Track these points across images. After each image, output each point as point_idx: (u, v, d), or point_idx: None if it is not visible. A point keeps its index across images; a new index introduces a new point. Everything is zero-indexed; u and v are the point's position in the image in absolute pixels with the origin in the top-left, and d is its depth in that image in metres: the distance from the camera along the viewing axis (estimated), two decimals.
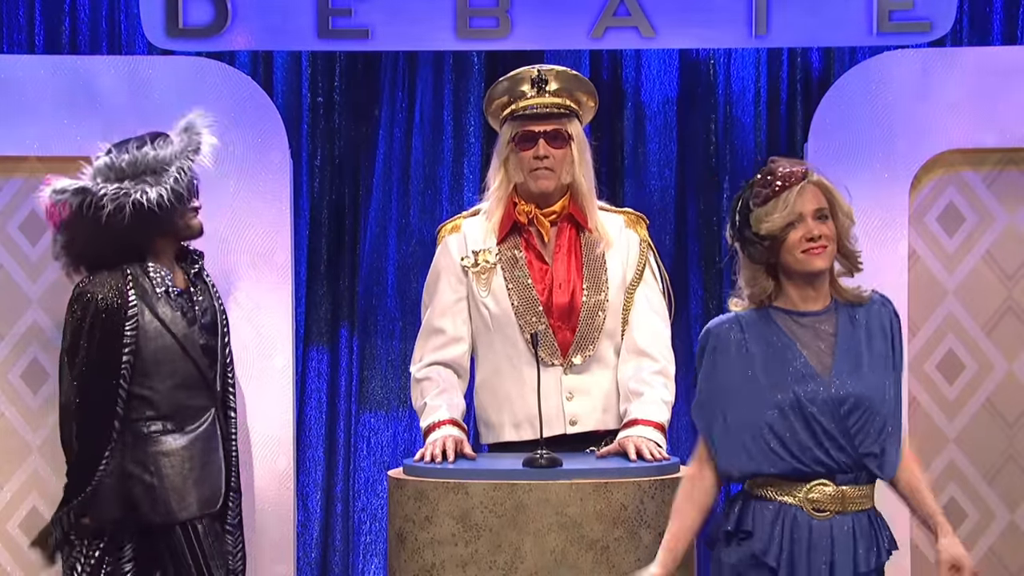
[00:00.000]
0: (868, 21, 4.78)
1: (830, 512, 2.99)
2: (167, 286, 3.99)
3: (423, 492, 3.37)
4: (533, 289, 3.67)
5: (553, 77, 3.70)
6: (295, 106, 5.15)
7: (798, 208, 2.98)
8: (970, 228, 4.88)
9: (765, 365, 3.00)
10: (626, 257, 3.72)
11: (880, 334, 3.08)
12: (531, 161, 3.64)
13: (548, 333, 3.66)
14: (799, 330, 3.01)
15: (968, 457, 4.89)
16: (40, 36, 5.10)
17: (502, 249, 3.70)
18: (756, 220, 3.00)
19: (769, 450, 2.97)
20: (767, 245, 2.99)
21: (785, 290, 3.04)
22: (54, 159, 4.80)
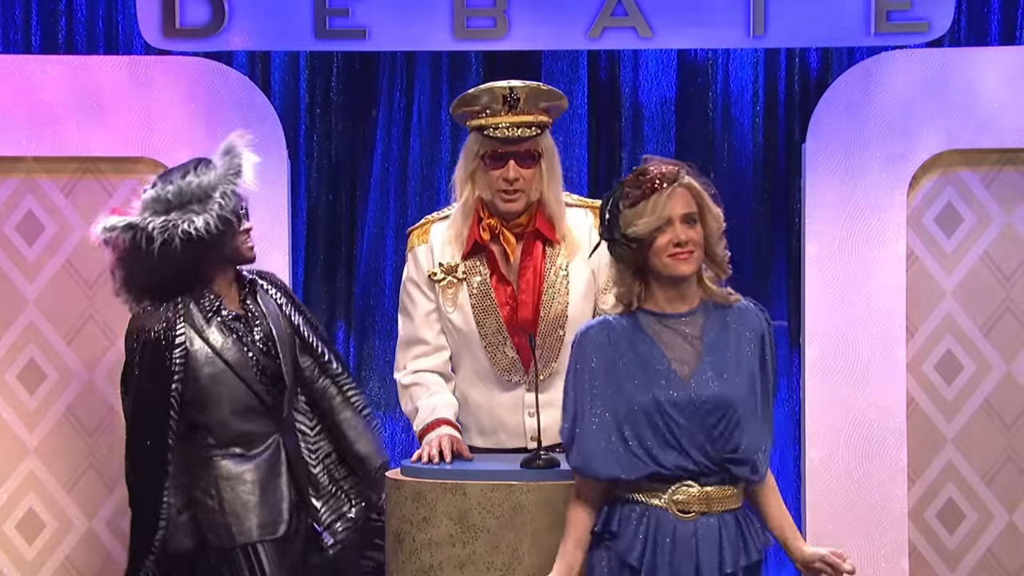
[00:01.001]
0: (866, 21, 4.77)
1: (695, 513, 2.96)
2: (219, 312, 3.93)
3: (421, 493, 3.35)
4: (497, 310, 3.64)
5: (524, 96, 3.64)
6: (292, 106, 5.14)
7: (667, 212, 2.96)
8: (968, 228, 4.87)
9: (629, 368, 2.98)
10: (597, 261, 3.63)
11: (751, 341, 3.03)
12: (500, 182, 3.60)
13: (511, 354, 3.64)
14: (665, 332, 3.00)
15: (966, 458, 4.88)
16: (37, 36, 5.09)
17: (467, 265, 3.67)
18: (625, 222, 2.97)
19: (631, 454, 2.96)
20: (635, 248, 2.97)
21: (653, 292, 3.02)
22: (50, 159, 4.82)
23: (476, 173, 3.64)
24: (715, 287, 3.04)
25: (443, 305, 3.67)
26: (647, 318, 3.01)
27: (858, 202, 4.80)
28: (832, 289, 4.82)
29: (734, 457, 2.97)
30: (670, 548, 2.95)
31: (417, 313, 3.70)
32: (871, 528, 4.79)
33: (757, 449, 2.99)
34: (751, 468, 2.99)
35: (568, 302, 3.64)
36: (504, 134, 3.59)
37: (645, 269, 3.00)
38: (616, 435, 2.96)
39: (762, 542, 3.06)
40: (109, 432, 4.85)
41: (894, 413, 4.81)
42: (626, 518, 2.99)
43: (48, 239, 4.87)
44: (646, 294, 3.03)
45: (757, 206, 5.19)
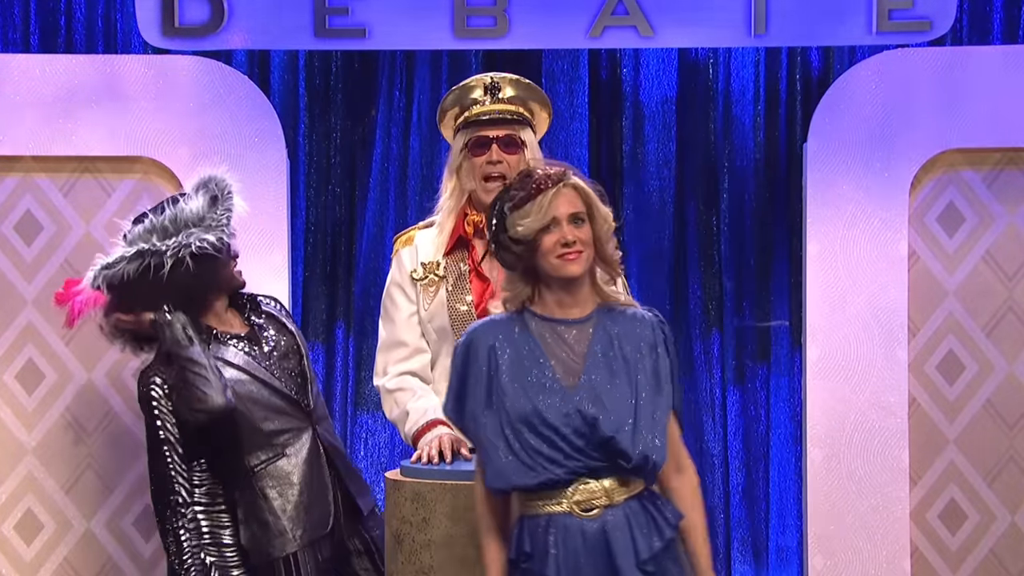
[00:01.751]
0: (868, 20, 4.76)
1: (599, 509, 2.91)
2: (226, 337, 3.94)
3: (420, 494, 3.34)
4: (471, 304, 3.64)
5: (507, 84, 3.68)
6: (292, 106, 5.13)
7: (552, 211, 2.90)
8: (970, 228, 4.86)
9: (514, 374, 2.91)
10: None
11: (642, 350, 2.96)
12: (484, 167, 3.61)
13: None
14: (552, 338, 2.93)
15: (968, 458, 4.87)
16: (35, 35, 5.08)
17: (448, 262, 3.67)
18: (511, 223, 2.92)
19: (521, 463, 2.90)
20: (522, 249, 2.91)
21: (543, 295, 2.95)
22: (49, 158, 4.80)
23: (461, 167, 3.65)
24: (610, 291, 2.98)
25: (422, 304, 3.67)
26: (536, 322, 2.95)
27: (860, 202, 4.79)
28: (833, 289, 4.81)
29: (624, 465, 2.92)
30: (584, 552, 2.90)
31: (398, 316, 3.71)
32: (872, 529, 4.78)
33: (646, 455, 2.91)
34: (645, 474, 2.94)
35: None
36: (485, 117, 3.61)
37: (535, 273, 2.94)
38: (504, 444, 2.91)
39: (674, 516, 2.99)
40: (108, 433, 4.85)
41: (896, 413, 4.80)
42: (534, 535, 2.93)
43: (47, 239, 4.86)
44: (537, 298, 2.96)
45: (758, 205, 5.18)
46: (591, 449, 2.89)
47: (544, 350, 2.92)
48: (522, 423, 2.89)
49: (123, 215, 4.76)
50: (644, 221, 5.17)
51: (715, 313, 5.18)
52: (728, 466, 5.17)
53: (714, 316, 5.18)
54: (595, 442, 2.89)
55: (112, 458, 4.82)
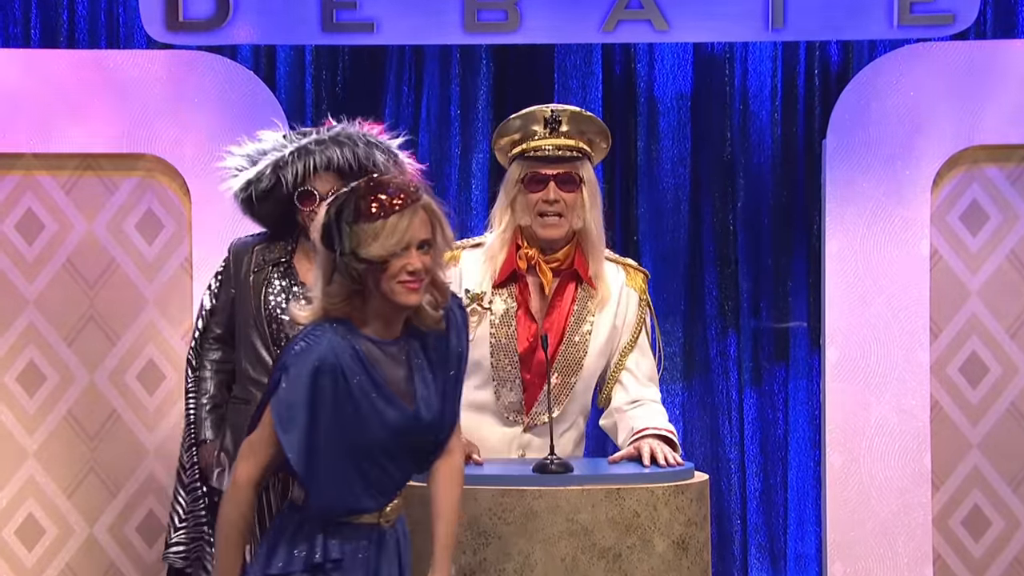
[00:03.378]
0: (888, 13, 4.75)
1: (395, 518, 2.98)
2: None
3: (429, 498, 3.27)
4: (515, 343, 3.61)
5: (567, 118, 3.62)
6: (298, 101, 5.13)
7: (408, 237, 2.77)
8: (994, 227, 4.85)
9: (358, 401, 2.83)
10: (623, 318, 3.63)
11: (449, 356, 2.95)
12: (540, 205, 3.57)
13: (517, 390, 3.60)
14: (382, 359, 2.86)
15: (992, 463, 4.86)
16: (37, 29, 5.07)
17: (496, 295, 3.63)
18: (358, 239, 2.76)
19: (367, 486, 2.89)
20: (363, 268, 2.77)
21: (367, 314, 2.85)
22: (50, 156, 4.80)
23: (516, 199, 3.61)
24: (431, 312, 2.89)
25: None
26: (365, 344, 2.85)
27: (880, 199, 4.79)
28: (853, 289, 4.80)
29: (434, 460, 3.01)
30: (386, 561, 2.95)
31: None
32: (894, 536, 4.78)
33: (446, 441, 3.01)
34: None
35: (587, 352, 3.62)
36: (544, 153, 3.58)
37: (367, 288, 2.82)
38: (343, 467, 2.86)
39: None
40: (111, 436, 4.84)
41: (917, 417, 4.79)
42: (347, 545, 2.91)
43: (48, 238, 4.85)
44: (358, 312, 2.85)
45: (776, 203, 5.17)
46: (418, 463, 2.97)
47: (381, 374, 2.86)
48: (369, 448, 2.86)
49: (126, 213, 4.83)
50: (659, 220, 5.17)
51: (731, 314, 5.19)
52: (745, 471, 5.17)
53: (730, 317, 5.19)
54: (422, 456, 2.97)
55: (115, 462, 4.81)
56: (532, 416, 3.60)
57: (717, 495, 5.06)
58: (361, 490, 2.88)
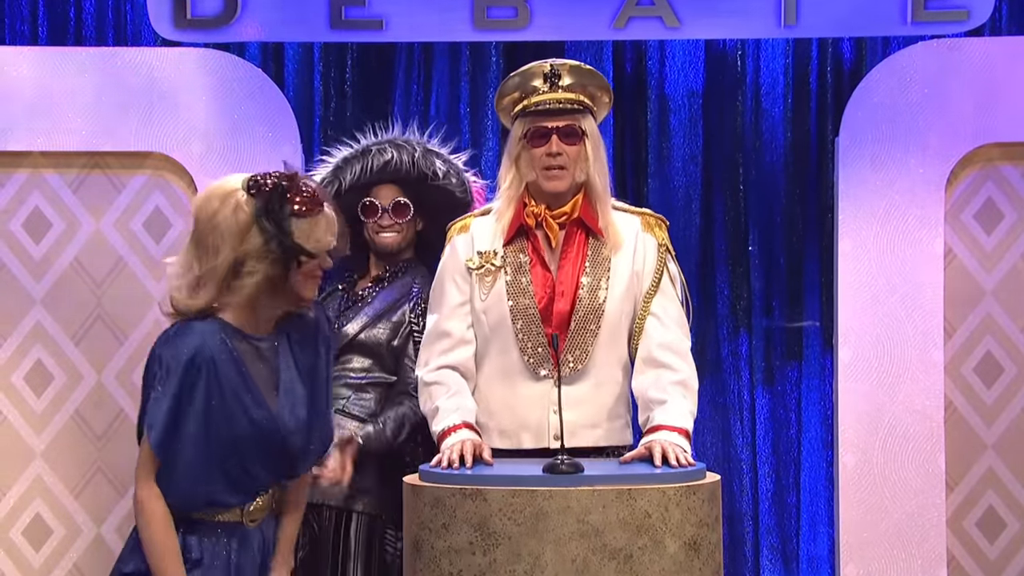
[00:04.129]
0: (902, 10, 4.73)
1: (260, 519, 3.08)
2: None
3: (440, 499, 3.31)
4: (533, 296, 3.60)
5: (566, 72, 3.64)
6: (307, 99, 5.13)
7: (328, 237, 2.97)
8: (1009, 225, 4.82)
9: (225, 395, 2.92)
10: (642, 264, 3.62)
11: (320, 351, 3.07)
12: (544, 158, 3.58)
13: (542, 343, 3.59)
14: (249, 354, 2.97)
15: (1007, 464, 4.84)
16: (44, 27, 5.08)
17: (507, 252, 3.63)
18: (300, 231, 2.91)
19: (229, 482, 2.97)
20: (291, 258, 2.91)
21: (243, 306, 2.95)
22: (58, 154, 4.79)
23: (520, 157, 3.62)
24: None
25: (477, 294, 3.63)
26: (236, 337, 2.95)
27: (894, 198, 4.77)
28: (866, 288, 4.78)
29: (294, 475, 3.12)
30: (249, 561, 3.05)
31: (446, 305, 3.66)
32: (908, 537, 4.76)
33: (322, 450, 3.14)
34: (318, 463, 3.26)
35: (607, 296, 3.59)
36: (545, 107, 3.59)
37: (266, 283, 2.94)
38: (204, 459, 2.93)
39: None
40: (118, 436, 4.84)
41: (931, 417, 4.77)
42: (207, 542, 3.00)
43: (56, 236, 4.84)
44: (227, 303, 2.94)
45: (788, 202, 5.16)
46: (282, 466, 3.06)
47: (248, 369, 2.95)
48: (233, 443, 2.94)
49: (134, 212, 4.84)
50: (669, 217, 5.01)
51: (743, 313, 5.19)
52: (757, 471, 5.17)
53: (742, 316, 5.19)
54: (287, 460, 3.05)
55: (123, 462, 4.80)
56: (561, 368, 3.56)
57: (729, 496, 5.04)
58: (221, 486, 2.95)
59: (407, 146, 4.00)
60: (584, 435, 3.58)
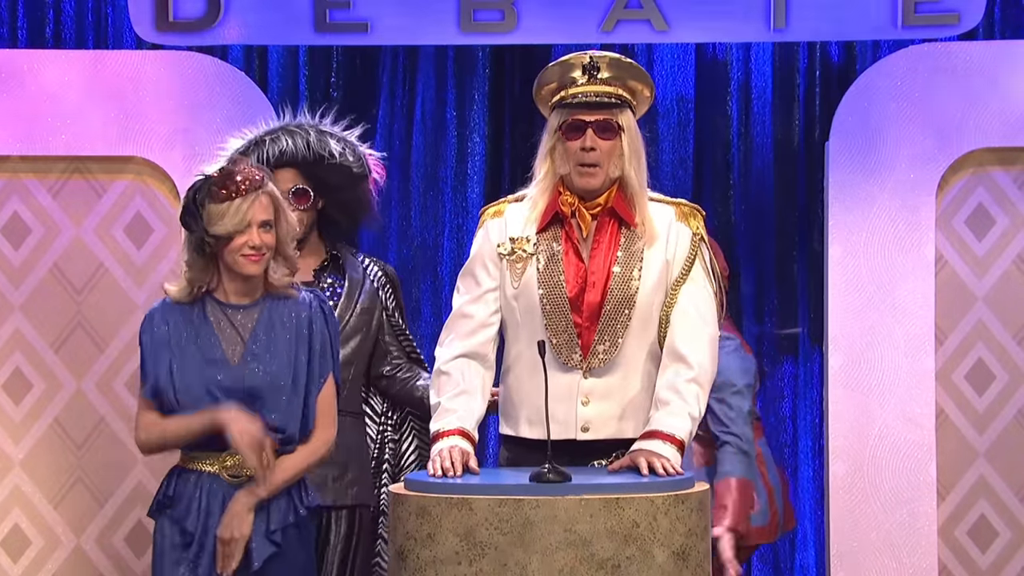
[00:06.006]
0: (893, 13, 4.73)
1: (243, 477, 3.39)
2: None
3: (425, 508, 3.29)
4: (563, 285, 3.58)
5: (605, 64, 3.61)
6: (291, 103, 5.05)
7: (248, 217, 3.35)
8: (1001, 231, 4.81)
9: (185, 351, 3.42)
10: (674, 253, 3.60)
11: (303, 328, 3.46)
12: (578, 153, 3.56)
13: (571, 333, 3.56)
14: (223, 320, 3.44)
15: (999, 472, 4.82)
16: (23, 29, 5.07)
17: (540, 239, 3.61)
18: (209, 217, 3.35)
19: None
20: (213, 241, 3.37)
21: (222, 282, 3.44)
22: (37, 158, 4.77)
23: (555, 148, 3.60)
24: (281, 281, 3.45)
25: (508, 281, 3.61)
26: (212, 305, 3.45)
27: (884, 203, 4.77)
28: (857, 294, 4.77)
29: (277, 436, 3.39)
30: (220, 513, 3.38)
31: (473, 290, 3.65)
32: (898, 546, 4.75)
33: (291, 425, 3.42)
34: (292, 445, 3.43)
35: (639, 287, 3.57)
36: (581, 99, 3.56)
37: (218, 261, 3.41)
38: (169, 405, 3.41)
39: (311, 500, 3.50)
40: (98, 445, 4.82)
41: (922, 425, 4.76)
42: (183, 486, 3.43)
43: (35, 242, 4.82)
44: (216, 282, 3.44)
45: (777, 206, 5.17)
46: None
47: (215, 331, 3.43)
48: (191, 393, 3.39)
49: (114, 217, 4.84)
50: None
51: (733, 317, 5.10)
52: None
53: (732, 320, 5.08)
54: (251, 411, 3.36)
55: (103, 471, 4.79)
56: (590, 359, 3.55)
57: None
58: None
59: (300, 131, 4.02)
60: (611, 427, 3.56)
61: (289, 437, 3.43)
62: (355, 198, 4.05)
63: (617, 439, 3.55)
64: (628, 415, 3.56)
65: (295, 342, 3.45)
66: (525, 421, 3.60)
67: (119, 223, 4.80)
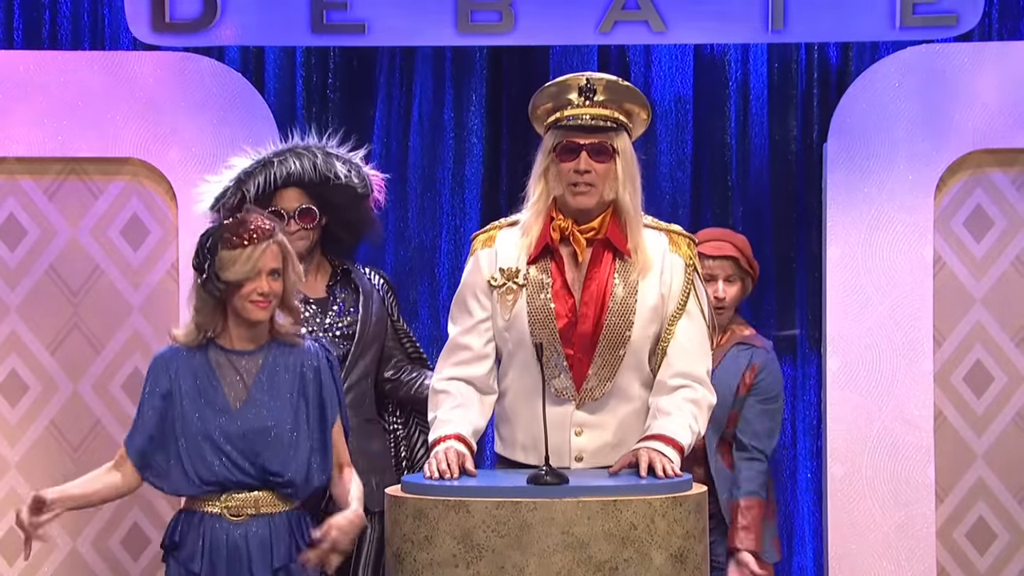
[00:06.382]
0: (891, 14, 4.74)
1: (246, 516, 3.51)
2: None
3: (422, 510, 3.30)
4: (553, 318, 3.57)
5: (602, 87, 3.60)
6: (288, 104, 5.11)
7: (259, 265, 3.47)
8: (999, 232, 4.83)
9: (189, 396, 3.52)
10: (669, 285, 3.59)
11: (303, 376, 3.56)
12: (571, 175, 3.55)
13: (563, 366, 3.57)
14: (226, 365, 3.53)
15: (998, 474, 4.84)
16: (19, 30, 5.05)
17: (531, 271, 3.60)
18: (221, 263, 3.46)
19: (190, 471, 3.51)
20: (223, 287, 3.47)
21: (228, 327, 3.54)
22: (33, 160, 4.78)
23: (549, 170, 3.60)
24: (287, 329, 3.56)
25: (499, 313, 3.61)
26: (215, 352, 3.55)
27: (882, 204, 4.77)
28: (855, 296, 4.78)
29: (276, 480, 3.51)
30: (226, 551, 3.49)
31: (466, 321, 3.65)
32: (897, 549, 4.75)
33: (299, 472, 3.52)
34: (292, 489, 3.53)
35: (634, 322, 3.56)
36: (577, 122, 3.55)
37: (226, 305, 3.51)
38: (176, 454, 3.52)
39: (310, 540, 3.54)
40: (94, 447, 4.81)
41: (921, 427, 4.77)
42: (187, 529, 3.53)
43: (31, 244, 4.83)
44: (222, 327, 3.54)
45: (775, 208, 5.15)
46: (248, 464, 3.49)
47: (218, 376, 3.53)
48: (197, 439, 3.50)
49: (111, 219, 4.84)
50: None
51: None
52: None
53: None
54: (251, 458, 3.49)
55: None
56: (583, 392, 3.55)
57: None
58: (180, 474, 3.50)
59: (307, 153, 4.07)
60: (604, 456, 3.56)
61: (289, 482, 3.51)
62: (358, 216, 4.13)
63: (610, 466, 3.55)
64: (622, 444, 3.56)
65: (298, 390, 3.54)
66: (520, 448, 3.61)
67: (115, 225, 4.80)
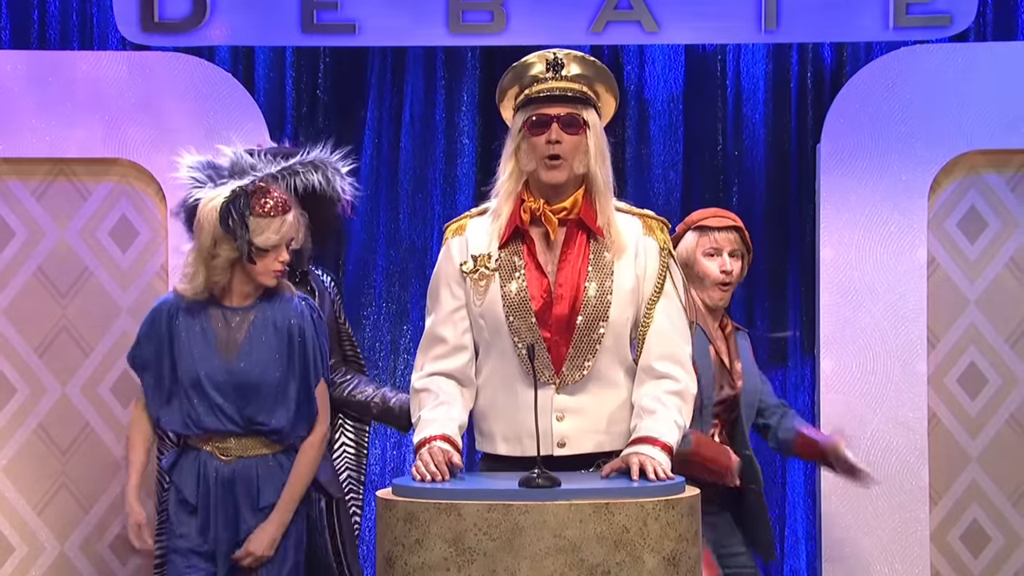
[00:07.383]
0: (884, 15, 4.75)
1: (233, 457, 3.80)
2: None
3: (413, 514, 3.26)
4: (528, 301, 3.54)
5: (572, 60, 3.58)
6: (278, 104, 5.10)
7: (283, 236, 3.76)
8: (993, 234, 4.84)
9: (186, 344, 3.81)
10: (643, 268, 3.56)
11: (286, 330, 3.82)
12: (544, 147, 3.52)
13: (542, 348, 3.53)
14: (220, 320, 3.81)
15: (992, 477, 4.84)
16: (7, 30, 5.05)
17: (503, 255, 3.57)
18: (254, 228, 3.72)
19: (182, 414, 3.82)
20: (251, 251, 3.72)
21: (231, 286, 3.81)
22: (21, 160, 4.77)
23: (520, 147, 3.56)
24: (280, 283, 3.84)
25: (472, 300, 3.57)
26: (213, 306, 3.82)
27: (876, 205, 4.77)
28: (849, 298, 4.78)
29: (262, 428, 3.80)
30: (216, 486, 3.80)
31: (440, 311, 3.61)
32: (891, 551, 4.75)
33: (285, 422, 3.82)
34: (279, 436, 3.83)
35: (611, 302, 3.52)
36: (546, 94, 3.52)
37: (237, 264, 3.77)
38: (173, 398, 3.83)
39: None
40: (83, 450, 4.81)
41: (915, 429, 4.77)
42: (184, 461, 3.85)
43: (18, 245, 4.82)
44: (227, 285, 3.80)
45: (768, 209, 5.15)
46: (236, 414, 3.78)
47: (213, 329, 3.80)
48: (190, 386, 3.79)
49: (99, 220, 4.83)
50: None
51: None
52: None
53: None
54: (240, 408, 3.78)
55: (87, 477, 4.78)
56: (563, 375, 3.50)
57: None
58: (178, 415, 3.81)
59: (323, 167, 4.11)
60: (586, 440, 3.52)
61: (276, 430, 3.80)
62: (325, 222, 4.15)
63: (595, 453, 3.52)
64: (604, 429, 3.52)
65: (286, 344, 3.81)
66: (501, 438, 3.57)
67: (104, 226, 4.78)
